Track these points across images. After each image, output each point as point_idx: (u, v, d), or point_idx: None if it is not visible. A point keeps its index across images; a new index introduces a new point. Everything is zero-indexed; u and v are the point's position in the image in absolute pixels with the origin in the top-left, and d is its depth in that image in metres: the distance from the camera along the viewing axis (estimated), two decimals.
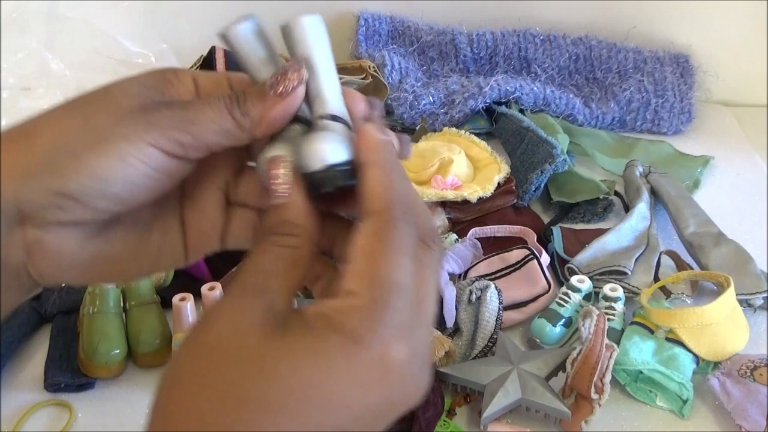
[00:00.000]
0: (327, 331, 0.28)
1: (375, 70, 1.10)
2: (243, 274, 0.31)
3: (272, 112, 0.34)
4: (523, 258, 0.79)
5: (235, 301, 0.29)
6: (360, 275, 0.29)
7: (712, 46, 1.15)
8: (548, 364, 0.66)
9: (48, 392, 0.69)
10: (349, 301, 0.29)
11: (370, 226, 0.30)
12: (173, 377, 0.29)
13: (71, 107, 0.33)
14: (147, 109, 0.33)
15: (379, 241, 0.30)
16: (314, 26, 0.35)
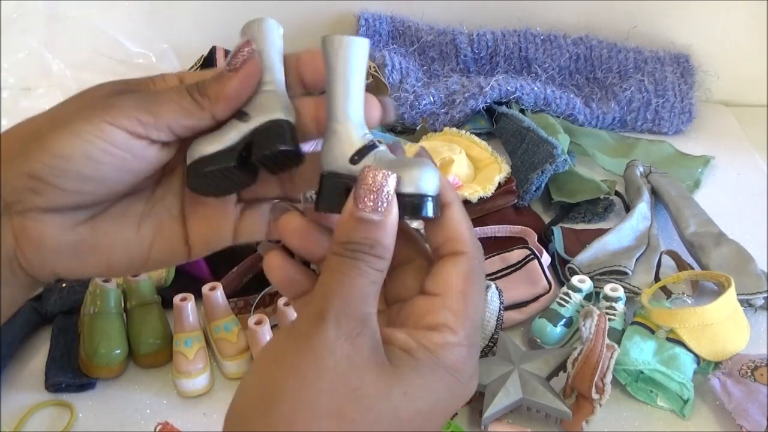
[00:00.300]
0: (436, 368, 0.31)
1: (376, 70, 1.10)
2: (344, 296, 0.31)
3: (227, 88, 0.35)
4: (524, 258, 0.79)
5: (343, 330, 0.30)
6: (457, 314, 0.33)
7: (712, 46, 1.15)
8: (549, 364, 0.66)
9: (49, 392, 0.69)
10: (450, 338, 0.32)
11: (462, 266, 0.33)
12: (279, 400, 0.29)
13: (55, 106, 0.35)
14: (112, 94, 0.34)
15: (472, 284, 0.33)
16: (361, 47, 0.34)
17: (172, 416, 0.65)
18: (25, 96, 1.06)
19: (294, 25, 1.19)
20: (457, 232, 0.34)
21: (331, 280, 0.31)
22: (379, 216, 0.32)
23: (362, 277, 0.31)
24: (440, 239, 0.34)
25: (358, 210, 0.32)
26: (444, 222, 0.34)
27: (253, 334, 0.68)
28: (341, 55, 0.34)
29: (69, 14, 1.09)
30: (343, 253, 0.32)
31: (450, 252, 0.34)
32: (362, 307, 0.31)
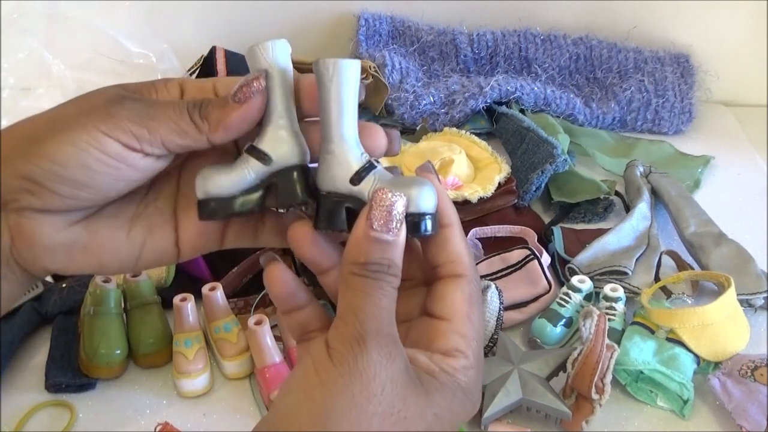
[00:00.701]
0: (456, 390, 0.34)
1: (375, 70, 1.10)
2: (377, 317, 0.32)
3: (229, 119, 0.35)
4: (524, 258, 0.79)
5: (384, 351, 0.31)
6: (466, 337, 0.35)
7: (712, 46, 1.15)
8: (549, 364, 0.66)
9: (49, 393, 0.69)
10: (464, 362, 0.34)
11: (465, 290, 0.35)
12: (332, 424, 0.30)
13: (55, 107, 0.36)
14: (112, 102, 0.35)
15: (474, 306, 0.35)
16: (353, 69, 0.35)
17: (172, 416, 0.65)
18: (25, 96, 1.06)
19: (294, 25, 1.19)
20: (459, 254, 0.35)
21: (360, 302, 0.32)
22: (393, 236, 0.33)
23: (386, 298, 0.33)
24: (441, 259, 0.36)
25: (373, 231, 0.33)
26: (445, 243, 0.35)
27: (253, 334, 0.68)
28: (335, 78, 0.35)
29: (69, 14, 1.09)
30: (365, 273, 0.32)
31: (451, 274, 0.35)
32: (392, 327, 0.32)
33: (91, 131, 0.34)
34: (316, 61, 0.35)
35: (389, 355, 0.31)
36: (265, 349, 0.68)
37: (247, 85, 0.35)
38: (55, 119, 0.35)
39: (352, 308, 0.32)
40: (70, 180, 0.35)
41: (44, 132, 0.34)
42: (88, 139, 0.34)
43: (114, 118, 0.34)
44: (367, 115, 1.10)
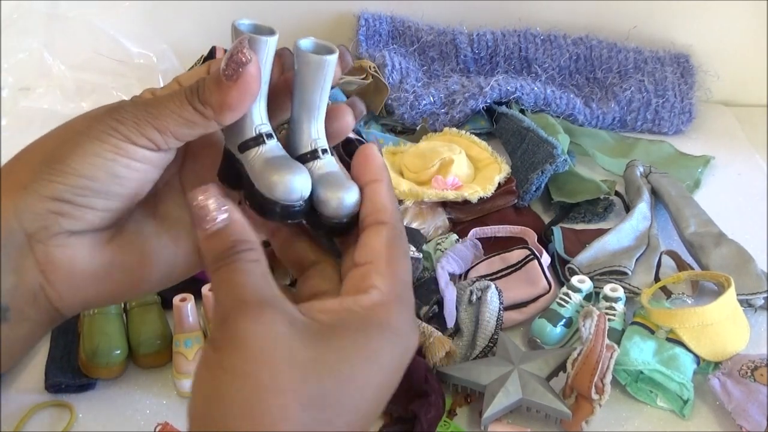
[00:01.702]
0: (366, 327, 0.32)
1: (375, 70, 1.10)
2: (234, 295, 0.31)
3: (230, 98, 0.35)
4: (524, 258, 0.79)
5: (248, 317, 0.30)
6: (384, 275, 0.34)
7: (712, 46, 1.15)
8: (549, 364, 0.66)
9: (49, 393, 0.69)
10: (378, 297, 0.33)
11: (385, 234, 0.35)
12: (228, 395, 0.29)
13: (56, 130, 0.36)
14: (113, 110, 0.35)
15: (395, 248, 0.35)
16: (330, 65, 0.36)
17: (172, 416, 0.65)
18: (25, 96, 1.06)
19: (294, 25, 1.19)
20: (382, 204, 0.36)
21: (220, 292, 0.32)
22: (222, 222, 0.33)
23: (242, 273, 0.32)
24: (366, 212, 0.36)
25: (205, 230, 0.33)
26: (371, 196, 0.36)
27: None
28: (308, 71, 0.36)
29: (69, 14, 1.09)
30: (216, 267, 0.32)
31: (373, 222, 0.36)
32: (258, 293, 0.31)
33: (111, 140, 0.34)
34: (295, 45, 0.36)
35: (258, 318, 0.30)
36: None
37: (234, 58, 0.34)
38: (65, 137, 0.34)
39: (217, 298, 0.32)
40: (103, 192, 0.34)
41: (62, 150, 0.34)
42: (111, 149, 0.34)
43: (122, 124, 0.34)
44: (368, 115, 1.10)
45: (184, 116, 0.35)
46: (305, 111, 0.37)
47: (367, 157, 0.37)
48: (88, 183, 0.34)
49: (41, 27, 1.09)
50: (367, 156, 0.37)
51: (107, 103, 0.36)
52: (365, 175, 0.37)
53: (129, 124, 0.34)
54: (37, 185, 0.33)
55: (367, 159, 0.37)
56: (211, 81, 0.35)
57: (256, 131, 0.36)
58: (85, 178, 0.33)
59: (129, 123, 0.34)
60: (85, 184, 0.34)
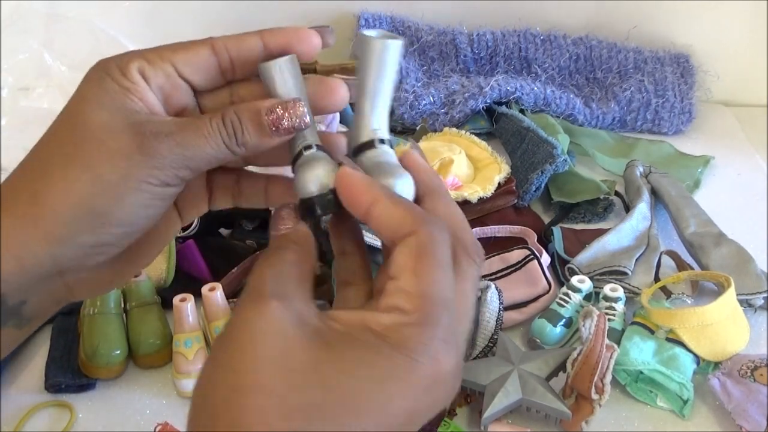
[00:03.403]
0: (381, 346, 0.29)
1: None
2: (257, 282, 0.31)
3: (267, 145, 0.36)
4: (524, 258, 0.79)
5: (256, 307, 0.29)
6: (407, 292, 0.30)
7: (712, 46, 1.15)
8: (549, 364, 0.66)
9: (49, 393, 0.69)
10: (400, 318, 0.30)
11: (409, 245, 0.31)
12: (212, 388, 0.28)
13: (64, 157, 0.34)
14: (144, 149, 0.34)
15: (421, 258, 0.31)
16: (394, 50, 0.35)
17: (171, 416, 0.65)
18: (24, 96, 1.06)
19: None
20: (394, 220, 0.32)
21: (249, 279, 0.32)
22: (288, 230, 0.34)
23: (271, 267, 0.32)
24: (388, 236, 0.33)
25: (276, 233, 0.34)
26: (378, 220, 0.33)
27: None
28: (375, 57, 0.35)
29: (69, 14, 1.09)
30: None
31: (401, 236, 0.32)
32: (276, 288, 0.30)
33: (150, 189, 0.34)
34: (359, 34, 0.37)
35: (262, 307, 0.29)
36: None
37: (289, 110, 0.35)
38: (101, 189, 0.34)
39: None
40: (138, 231, 0.36)
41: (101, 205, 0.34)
42: (147, 197, 0.34)
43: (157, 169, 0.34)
44: None
45: (217, 157, 0.35)
46: (369, 101, 0.36)
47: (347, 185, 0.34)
48: (129, 229, 0.35)
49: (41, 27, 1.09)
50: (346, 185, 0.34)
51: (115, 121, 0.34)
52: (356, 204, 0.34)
53: (166, 170, 0.34)
54: (80, 238, 0.34)
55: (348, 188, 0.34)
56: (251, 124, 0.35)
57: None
58: (127, 226, 0.35)
59: (167, 170, 0.34)
60: (126, 230, 0.35)
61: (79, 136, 0.34)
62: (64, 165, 0.34)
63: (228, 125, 0.35)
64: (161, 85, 0.36)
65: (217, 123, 0.35)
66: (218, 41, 0.36)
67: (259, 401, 0.27)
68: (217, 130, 0.35)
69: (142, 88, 0.35)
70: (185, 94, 0.37)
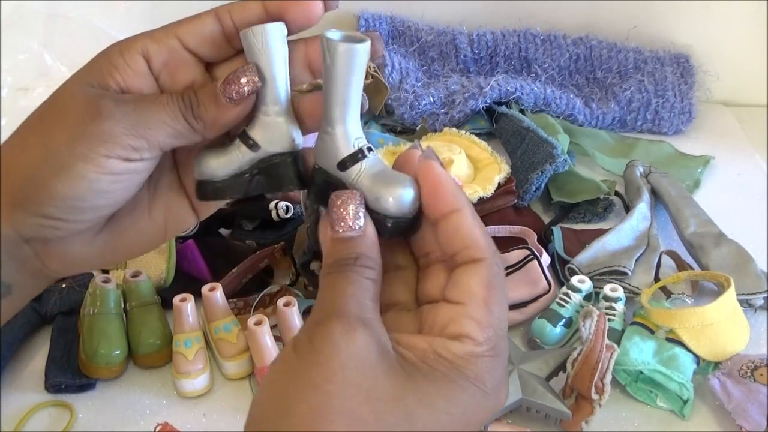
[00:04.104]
0: (455, 378, 0.30)
1: (375, 70, 1.09)
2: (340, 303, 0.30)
3: (224, 118, 0.35)
4: (524, 258, 0.79)
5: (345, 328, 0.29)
6: (480, 323, 0.31)
7: (712, 46, 1.15)
8: (549, 364, 0.66)
9: (49, 393, 0.69)
10: (473, 349, 0.31)
11: (482, 273, 0.32)
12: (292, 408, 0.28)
13: (30, 129, 0.36)
14: (97, 116, 0.34)
15: (494, 291, 0.32)
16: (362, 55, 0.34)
17: (172, 416, 0.65)
18: (24, 96, 1.06)
19: None
20: (473, 239, 0.33)
21: (325, 295, 0.31)
22: (357, 232, 0.32)
23: (353, 285, 0.31)
24: (456, 247, 0.33)
25: (336, 233, 0.32)
26: (457, 229, 0.33)
27: (253, 334, 0.68)
28: (338, 62, 0.33)
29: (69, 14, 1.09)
30: (333, 271, 0.32)
31: (468, 259, 0.33)
32: (360, 311, 0.30)
33: (94, 159, 0.34)
34: (322, 38, 0.33)
35: (352, 333, 0.29)
36: (264, 349, 0.68)
37: (238, 83, 0.34)
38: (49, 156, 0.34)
39: (319, 301, 0.31)
40: (90, 207, 0.35)
41: (47, 172, 0.34)
42: (95, 169, 0.34)
43: (111, 136, 0.34)
44: (367, 115, 1.10)
45: (175, 128, 0.35)
46: (339, 107, 0.34)
47: (437, 183, 0.33)
48: (75, 203, 0.35)
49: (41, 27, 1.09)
50: (435, 182, 0.33)
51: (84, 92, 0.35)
52: (440, 204, 0.33)
53: (116, 135, 0.34)
54: (28, 206, 0.34)
55: (438, 185, 0.33)
56: (207, 96, 0.35)
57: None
58: (72, 200, 0.34)
59: (117, 134, 0.34)
60: (72, 204, 0.35)
61: (47, 109, 0.36)
62: (26, 136, 0.35)
63: (185, 97, 0.35)
64: (166, 61, 0.36)
65: (176, 95, 0.35)
66: (221, 9, 0.37)
67: (346, 426, 0.28)
68: (175, 100, 0.35)
69: (135, 70, 0.36)
70: (193, 68, 0.37)
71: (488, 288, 0.32)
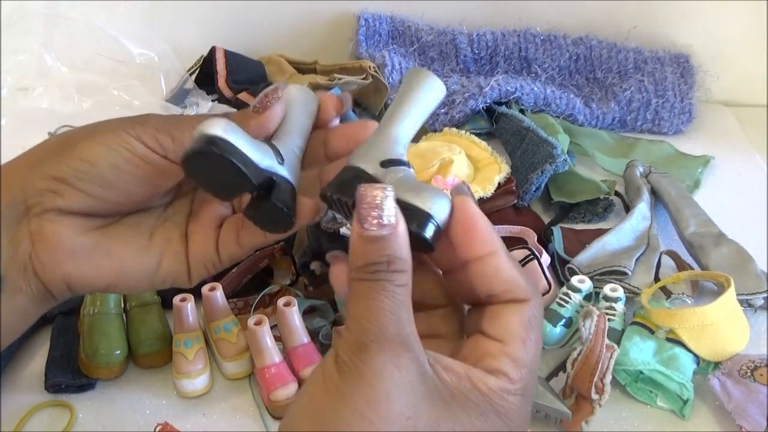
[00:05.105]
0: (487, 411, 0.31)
1: (375, 70, 1.10)
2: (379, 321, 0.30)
3: (249, 125, 0.37)
4: (524, 258, 0.79)
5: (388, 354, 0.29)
6: (517, 362, 0.32)
7: (712, 46, 1.15)
8: (549, 364, 0.66)
9: (49, 393, 0.69)
10: (507, 386, 0.32)
11: (524, 314, 0.33)
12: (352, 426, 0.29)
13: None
14: (143, 115, 0.38)
15: (532, 332, 0.33)
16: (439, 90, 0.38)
17: (171, 417, 0.65)
18: (24, 96, 1.06)
19: (294, 25, 1.19)
20: (513, 281, 0.33)
21: (361, 307, 0.30)
22: (388, 230, 0.31)
23: (389, 299, 0.30)
24: (496, 289, 0.33)
25: (365, 230, 0.31)
26: (495, 272, 0.33)
27: (253, 334, 0.68)
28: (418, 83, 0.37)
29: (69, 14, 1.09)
30: (364, 277, 0.31)
31: (510, 299, 0.33)
32: (400, 328, 0.30)
33: (121, 134, 0.37)
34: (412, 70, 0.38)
35: (396, 360, 0.29)
36: (264, 349, 0.68)
37: (267, 96, 0.38)
38: (90, 127, 0.38)
39: (355, 314, 0.30)
40: (98, 178, 0.37)
41: (79, 137, 0.37)
42: (118, 140, 0.37)
43: (142, 125, 0.37)
44: (367, 115, 1.10)
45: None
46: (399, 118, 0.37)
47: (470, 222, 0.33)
48: (86, 167, 0.37)
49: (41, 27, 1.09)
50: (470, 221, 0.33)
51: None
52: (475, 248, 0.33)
53: (147, 127, 0.37)
54: (45, 164, 0.37)
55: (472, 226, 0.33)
56: (238, 112, 0.38)
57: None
58: (85, 162, 0.36)
59: (148, 126, 0.37)
60: (85, 168, 0.37)
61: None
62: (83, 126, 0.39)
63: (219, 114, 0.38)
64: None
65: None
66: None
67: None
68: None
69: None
70: None
71: (527, 329, 0.33)
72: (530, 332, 0.33)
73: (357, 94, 1.10)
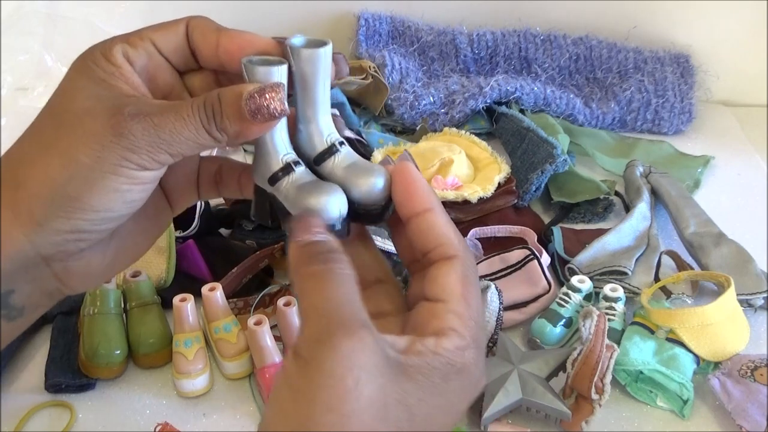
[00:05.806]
0: (448, 372, 0.32)
1: (375, 70, 1.10)
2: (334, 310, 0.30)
3: (249, 133, 0.35)
4: (524, 258, 0.79)
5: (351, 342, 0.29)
6: (462, 316, 0.33)
7: (712, 46, 1.15)
8: (549, 364, 0.66)
9: (48, 393, 0.69)
10: (459, 342, 0.32)
11: (458, 270, 0.34)
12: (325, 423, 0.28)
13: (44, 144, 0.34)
14: (118, 129, 0.33)
15: (469, 285, 0.34)
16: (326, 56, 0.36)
17: (171, 416, 0.65)
18: (24, 96, 1.06)
19: (294, 25, 1.19)
20: (445, 237, 0.34)
21: (317, 298, 0.30)
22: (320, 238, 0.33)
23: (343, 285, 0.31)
24: (429, 245, 0.35)
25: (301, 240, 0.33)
26: (429, 228, 0.35)
27: (253, 334, 0.68)
28: (303, 66, 0.35)
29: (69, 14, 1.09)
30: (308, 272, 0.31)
31: (442, 257, 0.34)
32: (359, 312, 0.30)
33: (125, 172, 0.34)
34: (286, 44, 0.35)
35: (361, 343, 0.29)
36: (264, 349, 0.68)
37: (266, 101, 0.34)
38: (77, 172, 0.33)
39: (313, 306, 0.30)
40: (118, 216, 0.36)
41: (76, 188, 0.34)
42: (126, 181, 0.34)
43: (134, 151, 0.33)
44: (367, 115, 1.10)
45: (198, 142, 0.35)
46: (311, 108, 0.37)
47: (409, 183, 0.35)
48: (106, 215, 0.35)
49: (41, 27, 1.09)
50: (409, 182, 0.35)
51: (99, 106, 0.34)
52: (413, 204, 0.35)
53: (142, 153, 0.34)
54: (55, 223, 0.34)
55: (410, 185, 0.35)
56: (231, 110, 0.34)
57: (283, 161, 0.36)
58: (103, 212, 0.35)
59: (142, 151, 0.34)
60: (103, 216, 0.35)
61: (59, 123, 0.35)
62: (44, 151, 0.34)
63: (208, 108, 0.34)
64: (145, 66, 0.36)
65: (198, 105, 0.34)
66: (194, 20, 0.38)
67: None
68: (197, 113, 0.34)
69: (126, 71, 0.35)
70: (170, 75, 0.38)
71: (464, 284, 0.34)
72: (468, 286, 0.34)
73: (357, 94, 1.10)
